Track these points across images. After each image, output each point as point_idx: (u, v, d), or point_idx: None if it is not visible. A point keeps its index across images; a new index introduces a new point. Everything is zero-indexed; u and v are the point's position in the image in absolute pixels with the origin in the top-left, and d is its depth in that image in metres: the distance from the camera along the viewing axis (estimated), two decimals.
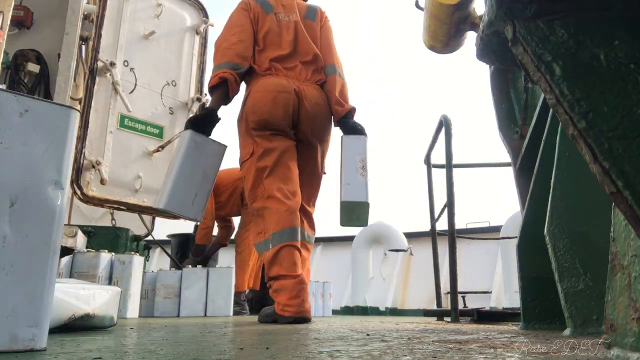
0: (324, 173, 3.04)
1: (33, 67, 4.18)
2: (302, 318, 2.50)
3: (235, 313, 4.68)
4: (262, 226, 2.63)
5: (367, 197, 2.75)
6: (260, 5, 2.87)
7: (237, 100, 2.89)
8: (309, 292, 5.47)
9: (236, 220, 5.58)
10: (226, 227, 5.62)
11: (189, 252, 5.66)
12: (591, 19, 0.82)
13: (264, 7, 2.87)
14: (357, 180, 2.77)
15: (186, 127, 2.72)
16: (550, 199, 2.05)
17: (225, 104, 2.78)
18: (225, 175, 5.39)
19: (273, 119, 2.68)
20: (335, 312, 6.87)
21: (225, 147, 2.77)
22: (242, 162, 2.81)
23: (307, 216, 2.91)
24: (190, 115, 4.12)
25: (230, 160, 5.78)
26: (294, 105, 2.71)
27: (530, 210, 2.48)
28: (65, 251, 3.40)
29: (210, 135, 2.73)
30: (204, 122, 2.72)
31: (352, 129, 2.86)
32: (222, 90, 2.71)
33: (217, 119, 2.75)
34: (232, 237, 5.55)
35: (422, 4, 2.61)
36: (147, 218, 5.46)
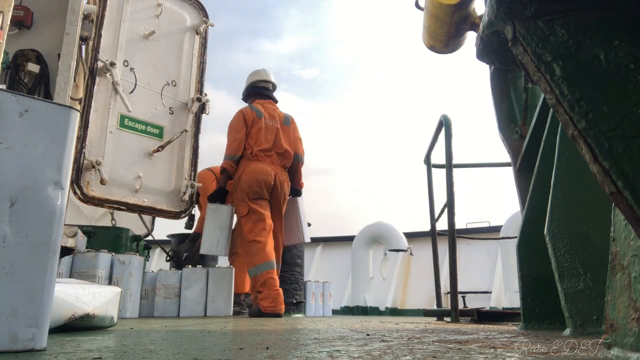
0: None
1: (33, 67, 4.18)
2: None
3: (235, 313, 4.68)
4: (252, 259, 4.15)
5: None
6: (255, 112, 4.34)
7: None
8: (309, 291, 5.60)
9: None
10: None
11: (189, 252, 5.66)
12: (591, 19, 0.82)
13: (257, 114, 4.34)
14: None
15: (208, 201, 4.32)
16: (550, 199, 2.05)
17: (231, 180, 4.30)
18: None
19: (261, 191, 4.20)
20: (335, 312, 6.88)
21: (232, 207, 4.30)
22: (240, 217, 4.29)
23: (279, 246, 4.52)
24: (191, 115, 4.14)
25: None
26: (271, 181, 4.25)
27: (530, 210, 2.48)
28: (65, 251, 3.40)
29: (224, 202, 4.32)
30: (217, 196, 4.31)
31: (300, 194, 4.67)
32: (227, 174, 4.27)
33: (226, 193, 4.34)
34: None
35: (422, 4, 2.61)
36: (147, 218, 5.46)
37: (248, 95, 4.58)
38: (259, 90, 4.55)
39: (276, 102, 4.62)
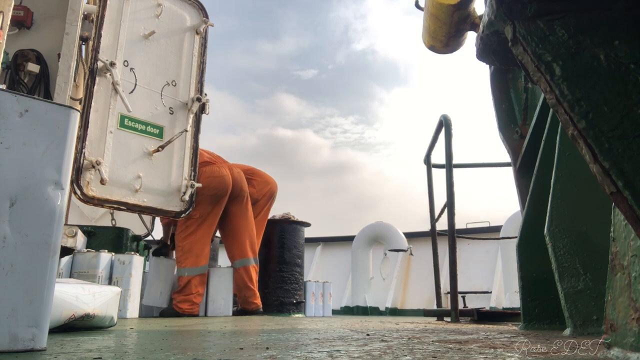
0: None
1: (33, 67, 4.18)
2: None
3: (235, 313, 4.68)
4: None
5: None
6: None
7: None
8: (309, 291, 5.62)
9: None
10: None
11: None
12: (591, 19, 0.82)
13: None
14: None
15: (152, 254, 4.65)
16: (550, 199, 2.05)
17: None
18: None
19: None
20: (335, 312, 6.87)
21: (174, 260, 4.57)
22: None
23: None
24: (191, 115, 4.14)
25: (231, 152, 5.77)
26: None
27: (530, 210, 2.47)
28: (65, 251, 3.40)
29: (166, 255, 4.70)
30: (160, 251, 4.67)
31: None
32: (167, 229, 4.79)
33: (168, 247, 4.75)
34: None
35: (422, 3, 2.61)
36: (147, 218, 5.46)
37: None
38: None
39: None
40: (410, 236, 9.08)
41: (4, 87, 3.74)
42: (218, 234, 5.88)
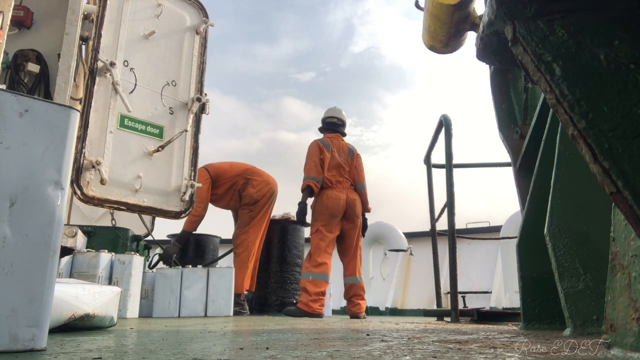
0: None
1: (33, 67, 4.18)
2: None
3: (235, 313, 4.68)
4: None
5: None
6: (324, 146, 5.05)
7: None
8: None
9: (231, 219, 5.57)
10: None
11: (189, 251, 5.66)
12: (591, 19, 0.82)
13: (326, 147, 5.05)
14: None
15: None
16: (550, 199, 2.05)
17: (311, 197, 4.99)
18: (228, 168, 5.40)
19: (333, 215, 4.89)
20: (335, 312, 6.86)
21: (180, 269, 4.49)
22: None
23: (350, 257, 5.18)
24: (191, 115, 4.13)
25: (234, 156, 5.77)
26: (343, 204, 4.93)
27: (530, 210, 2.47)
28: (65, 251, 3.40)
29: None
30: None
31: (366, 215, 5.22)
32: (310, 191, 4.90)
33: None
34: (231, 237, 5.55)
35: (422, 3, 2.61)
36: (147, 218, 5.46)
37: (322, 129, 5.37)
38: (329, 126, 5.31)
39: (344, 135, 5.37)
40: (410, 236, 9.07)
41: (4, 87, 3.74)
42: (218, 234, 5.89)
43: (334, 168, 5.04)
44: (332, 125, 5.31)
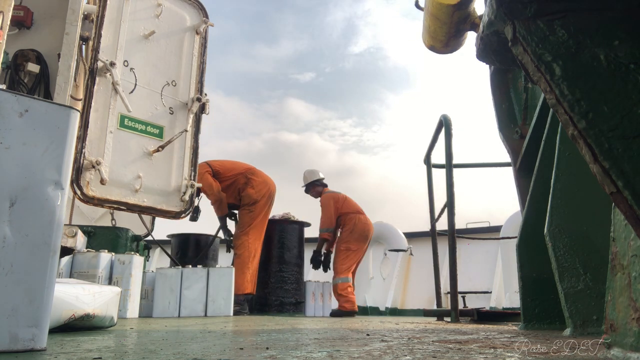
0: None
1: (33, 67, 4.18)
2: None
3: (235, 313, 4.68)
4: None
5: None
6: (338, 194, 6.17)
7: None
8: (309, 291, 5.77)
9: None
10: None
11: (188, 251, 5.67)
12: (591, 19, 0.82)
13: (339, 194, 6.16)
14: None
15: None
16: (550, 199, 2.05)
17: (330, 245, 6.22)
18: (231, 166, 5.44)
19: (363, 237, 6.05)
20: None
21: (180, 269, 4.56)
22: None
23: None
24: (191, 115, 4.13)
25: (236, 157, 5.77)
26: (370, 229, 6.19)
27: (530, 210, 2.47)
28: (65, 251, 3.40)
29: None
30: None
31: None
32: (324, 241, 6.01)
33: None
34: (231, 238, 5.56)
35: (422, 3, 2.61)
36: (147, 218, 5.46)
37: (315, 186, 6.31)
38: (322, 183, 6.35)
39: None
40: (410, 236, 9.07)
41: (4, 87, 3.74)
42: (219, 234, 5.89)
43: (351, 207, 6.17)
44: (323, 182, 6.44)
